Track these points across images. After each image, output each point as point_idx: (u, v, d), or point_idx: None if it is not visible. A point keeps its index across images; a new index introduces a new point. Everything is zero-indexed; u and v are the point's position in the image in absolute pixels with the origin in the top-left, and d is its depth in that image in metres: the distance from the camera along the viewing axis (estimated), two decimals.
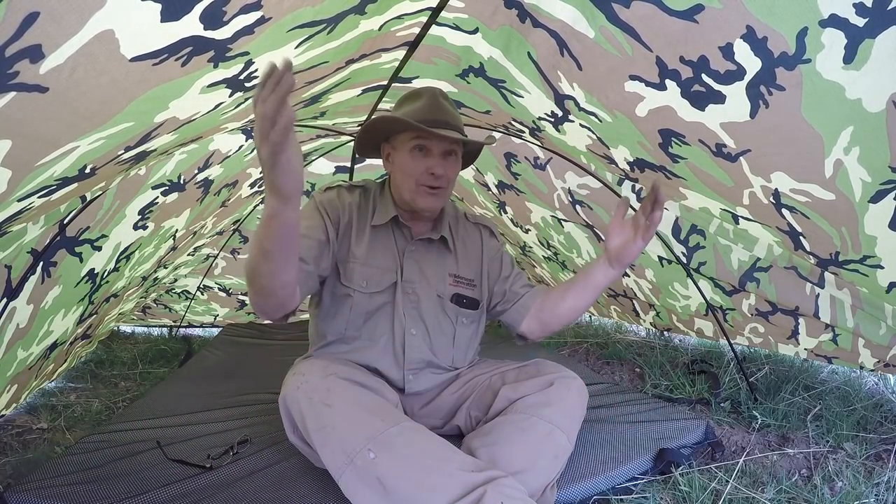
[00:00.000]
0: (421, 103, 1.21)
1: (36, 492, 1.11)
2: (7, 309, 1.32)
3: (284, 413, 1.13)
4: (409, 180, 1.22)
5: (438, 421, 1.35)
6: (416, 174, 1.20)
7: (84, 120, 0.82)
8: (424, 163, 1.20)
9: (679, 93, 1.09)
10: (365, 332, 1.26)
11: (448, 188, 1.25)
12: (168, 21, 0.71)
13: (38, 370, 1.69)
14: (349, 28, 1.07)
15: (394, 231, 1.32)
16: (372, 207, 1.32)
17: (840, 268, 1.33)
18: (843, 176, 1.04)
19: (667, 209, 1.75)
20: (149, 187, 1.67)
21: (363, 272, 1.26)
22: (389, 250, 1.30)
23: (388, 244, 1.30)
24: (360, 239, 1.27)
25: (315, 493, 1.12)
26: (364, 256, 1.26)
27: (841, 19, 0.79)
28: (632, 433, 1.43)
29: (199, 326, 3.29)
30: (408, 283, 1.29)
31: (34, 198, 0.99)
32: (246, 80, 1.04)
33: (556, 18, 1.09)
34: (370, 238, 1.28)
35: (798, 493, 1.19)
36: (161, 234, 2.00)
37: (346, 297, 1.26)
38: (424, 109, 1.19)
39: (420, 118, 1.17)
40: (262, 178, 2.33)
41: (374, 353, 1.26)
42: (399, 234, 1.32)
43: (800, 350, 1.74)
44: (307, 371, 1.12)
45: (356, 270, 1.25)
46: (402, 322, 1.27)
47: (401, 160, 1.22)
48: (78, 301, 1.71)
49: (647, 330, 2.76)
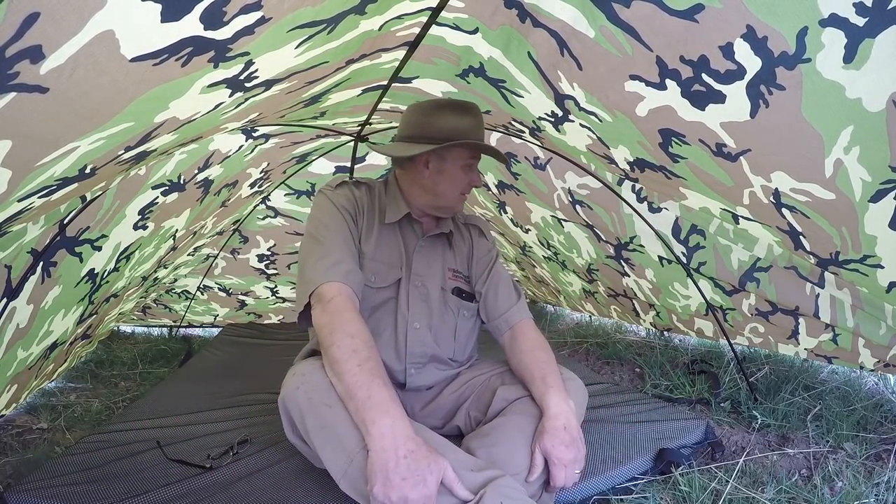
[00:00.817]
0: (471, 121, 1.27)
1: (36, 492, 1.11)
2: (7, 309, 1.32)
3: (284, 413, 1.13)
4: (455, 190, 1.30)
5: (438, 421, 1.35)
6: (462, 186, 1.30)
7: (84, 120, 0.82)
8: (469, 177, 1.30)
9: (679, 92, 1.09)
10: (369, 325, 1.26)
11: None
12: (168, 21, 0.71)
13: (38, 370, 1.69)
14: (349, 28, 1.07)
15: (401, 228, 1.35)
16: (378, 205, 1.35)
17: (840, 267, 1.33)
18: (844, 175, 1.04)
19: (667, 209, 1.75)
20: (149, 187, 1.67)
21: (371, 267, 1.28)
22: (396, 246, 1.32)
23: (395, 240, 1.33)
24: (369, 235, 1.30)
25: (315, 493, 1.12)
26: (372, 252, 1.29)
27: (841, 19, 0.79)
28: (632, 433, 1.43)
29: (199, 326, 3.29)
30: (417, 276, 1.32)
31: (34, 198, 0.99)
32: (246, 81, 1.04)
33: (557, 18, 1.09)
34: (378, 234, 1.31)
35: (798, 493, 1.19)
36: (161, 234, 2.01)
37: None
38: (475, 128, 1.27)
39: (473, 135, 1.26)
40: (263, 179, 2.34)
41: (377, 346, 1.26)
42: (409, 231, 1.36)
43: (800, 350, 1.74)
44: (307, 371, 1.12)
45: (365, 265, 1.27)
46: (405, 316, 1.28)
47: (452, 172, 1.28)
48: (78, 301, 1.71)
49: (647, 330, 2.76)
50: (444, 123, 1.25)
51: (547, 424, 1.09)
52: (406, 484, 0.86)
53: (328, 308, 1.09)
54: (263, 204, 2.80)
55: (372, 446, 0.91)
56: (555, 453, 1.04)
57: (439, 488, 0.91)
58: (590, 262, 2.40)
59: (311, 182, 2.75)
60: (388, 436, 0.91)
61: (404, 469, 0.87)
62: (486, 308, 1.37)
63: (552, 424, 1.08)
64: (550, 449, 1.04)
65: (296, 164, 2.54)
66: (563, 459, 1.04)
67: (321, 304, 1.10)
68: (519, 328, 1.32)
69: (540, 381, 1.18)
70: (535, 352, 1.25)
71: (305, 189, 2.77)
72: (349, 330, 1.05)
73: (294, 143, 2.18)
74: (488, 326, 1.39)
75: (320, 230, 1.22)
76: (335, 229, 1.23)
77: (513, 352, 1.30)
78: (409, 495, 0.85)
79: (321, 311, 1.09)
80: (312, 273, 1.15)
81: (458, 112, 1.27)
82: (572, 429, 1.08)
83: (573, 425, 1.09)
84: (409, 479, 0.87)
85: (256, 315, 3.29)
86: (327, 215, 1.25)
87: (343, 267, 1.16)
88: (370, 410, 0.94)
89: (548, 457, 1.05)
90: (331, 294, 1.11)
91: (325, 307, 1.09)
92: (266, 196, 2.76)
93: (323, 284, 1.12)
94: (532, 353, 1.25)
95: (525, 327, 1.32)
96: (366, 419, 0.93)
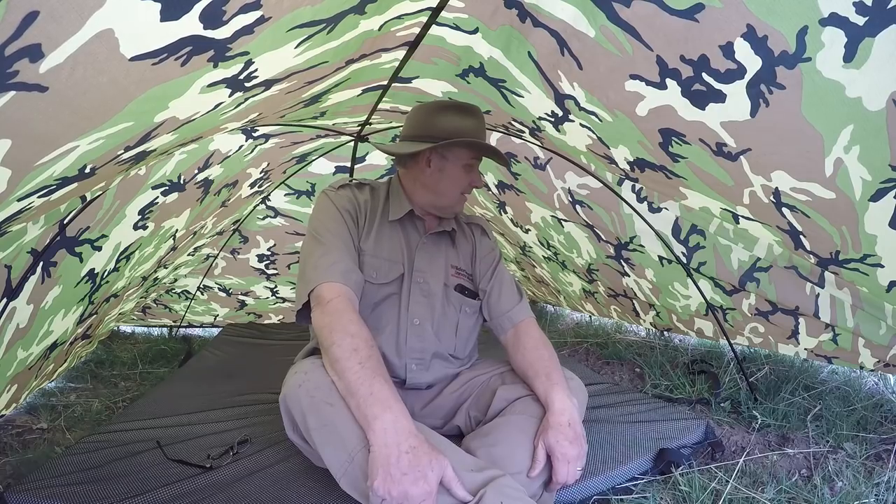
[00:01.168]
0: (473, 123, 1.29)
1: (36, 492, 1.11)
2: (7, 309, 1.31)
3: (285, 411, 1.13)
4: (456, 189, 1.32)
5: (438, 421, 1.35)
6: (462, 186, 1.32)
7: (84, 120, 0.81)
8: (469, 177, 1.32)
9: (679, 92, 1.09)
10: (371, 321, 1.28)
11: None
12: (168, 20, 0.70)
13: (38, 370, 1.69)
14: (349, 28, 1.07)
15: (403, 225, 1.36)
16: (382, 204, 1.37)
17: (840, 267, 1.33)
18: (844, 174, 1.04)
19: (667, 209, 1.75)
20: (149, 187, 1.67)
21: (372, 263, 1.29)
22: (397, 243, 1.34)
23: (396, 237, 1.34)
24: (370, 233, 1.32)
25: (315, 493, 1.12)
26: (372, 249, 1.30)
27: (841, 18, 0.79)
28: (632, 433, 1.43)
29: (199, 326, 3.29)
30: (419, 272, 1.33)
31: (34, 197, 0.99)
32: (246, 80, 1.04)
33: (557, 18, 1.09)
34: (377, 232, 1.32)
35: (798, 493, 1.19)
36: (161, 234, 2.00)
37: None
38: (477, 129, 1.29)
39: (475, 136, 1.27)
40: (263, 179, 2.34)
41: (378, 341, 1.27)
42: (411, 228, 1.37)
43: (800, 350, 1.74)
44: (309, 369, 1.12)
45: (366, 262, 1.28)
46: (407, 312, 1.29)
47: (453, 172, 1.30)
48: (78, 301, 1.71)
49: (647, 330, 2.76)
50: (446, 123, 1.27)
51: (551, 420, 1.09)
52: (407, 479, 0.86)
53: (327, 309, 1.10)
54: (263, 204, 2.80)
55: (374, 441, 0.91)
56: (559, 449, 1.04)
57: (439, 487, 0.91)
58: (590, 262, 2.40)
59: (312, 182, 2.75)
60: (391, 431, 0.91)
61: (405, 464, 0.87)
62: (489, 306, 1.38)
63: (556, 420, 1.09)
64: (554, 445, 1.05)
65: (296, 164, 2.54)
66: (566, 455, 1.04)
67: (321, 305, 1.11)
68: (522, 327, 1.33)
69: (544, 377, 1.19)
70: (539, 349, 1.26)
71: (305, 189, 2.77)
72: (349, 329, 1.05)
73: (294, 144, 2.18)
74: (490, 324, 1.40)
75: (321, 231, 1.24)
76: (335, 230, 1.25)
77: (516, 349, 1.31)
78: (410, 491, 0.85)
79: (321, 312, 1.10)
80: (312, 272, 1.16)
81: (461, 113, 1.29)
82: (576, 425, 1.09)
83: (577, 422, 1.10)
84: (409, 475, 0.87)
85: (256, 315, 3.29)
86: (328, 216, 1.27)
87: (341, 266, 1.17)
88: (372, 406, 0.94)
89: (551, 453, 1.05)
90: (330, 295, 1.12)
91: (324, 309, 1.10)
92: (266, 196, 2.76)
93: (322, 284, 1.13)
94: (536, 351, 1.26)
95: (528, 326, 1.33)
96: (368, 415, 0.94)
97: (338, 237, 1.24)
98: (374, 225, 1.33)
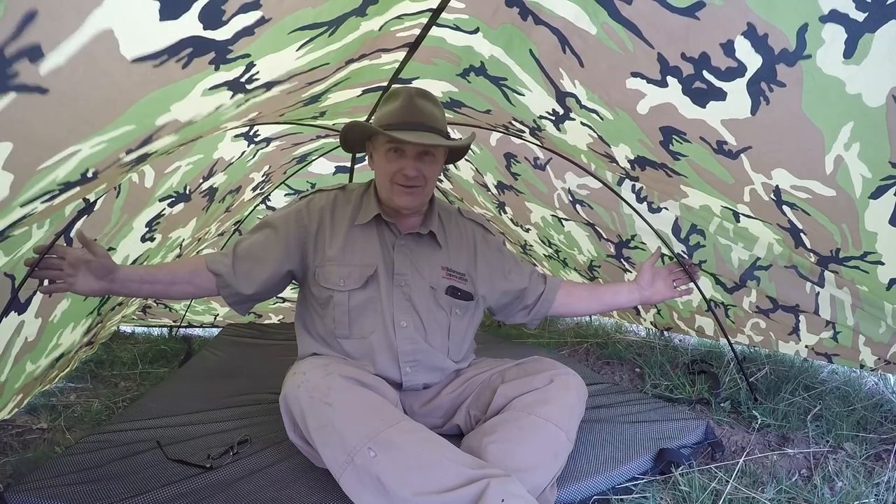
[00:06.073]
0: (396, 105, 1.23)
1: (36, 492, 1.10)
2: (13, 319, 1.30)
3: (285, 412, 1.13)
4: (385, 180, 1.26)
5: (438, 420, 1.35)
6: (390, 174, 1.24)
7: (85, 122, 0.81)
8: (398, 164, 1.23)
9: (680, 90, 1.09)
10: (355, 329, 1.27)
11: (426, 187, 1.28)
12: (167, 19, 0.70)
13: (43, 378, 1.69)
14: (350, 30, 1.07)
15: (379, 228, 1.34)
16: (354, 207, 1.34)
17: (840, 265, 1.33)
18: (844, 172, 1.04)
19: (667, 209, 1.75)
20: (156, 200, 1.67)
21: (339, 272, 1.27)
22: (371, 246, 1.31)
23: (370, 240, 1.31)
24: (334, 240, 1.30)
25: (315, 493, 1.12)
26: (339, 256, 1.28)
27: (841, 14, 0.79)
28: (632, 433, 1.43)
29: (199, 326, 3.29)
30: (399, 275, 1.30)
31: (37, 203, 0.99)
32: (247, 83, 1.03)
33: (558, 15, 1.09)
34: (346, 237, 1.30)
35: (798, 493, 1.18)
36: (168, 244, 2.01)
37: (328, 298, 1.28)
38: (399, 112, 1.22)
39: (395, 120, 1.21)
40: (264, 182, 2.34)
41: (366, 348, 1.27)
42: (386, 230, 1.34)
43: (800, 347, 1.74)
44: (308, 370, 1.12)
45: (333, 271, 1.27)
46: (391, 316, 1.28)
47: (378, 161, 1.28)
48: (87, 314, 1.71)
49: (647, 330, 2.76)
50: (379, 112, 1.27)
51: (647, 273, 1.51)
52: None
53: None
54: (263, 204, 2.80)
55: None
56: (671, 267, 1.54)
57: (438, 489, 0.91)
58: (591, 259, 2.40)
59: (311, 182, 2.75)
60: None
61: None
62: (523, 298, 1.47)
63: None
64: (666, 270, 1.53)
65: (296, 165, 2.54)
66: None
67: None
68: (564, 287, 1.51)
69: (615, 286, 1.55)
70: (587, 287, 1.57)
71: (305, 189, 2.77)
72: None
73: (295, 145, 2.18)
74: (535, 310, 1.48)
75: (261, 225, 1.32)
76: (267, 234, 1.30)
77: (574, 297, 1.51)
78: None
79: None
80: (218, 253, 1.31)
81: (390, 99, 1.26)
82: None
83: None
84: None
85: (256, 315, 3.29)
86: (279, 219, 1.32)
87: (228, 260, 1.26)
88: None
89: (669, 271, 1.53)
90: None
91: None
92: (266, 196, 2.76)
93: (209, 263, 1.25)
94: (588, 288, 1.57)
95: (568, 284, 1.53)
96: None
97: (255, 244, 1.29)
98: (341, 230, 1.30)
